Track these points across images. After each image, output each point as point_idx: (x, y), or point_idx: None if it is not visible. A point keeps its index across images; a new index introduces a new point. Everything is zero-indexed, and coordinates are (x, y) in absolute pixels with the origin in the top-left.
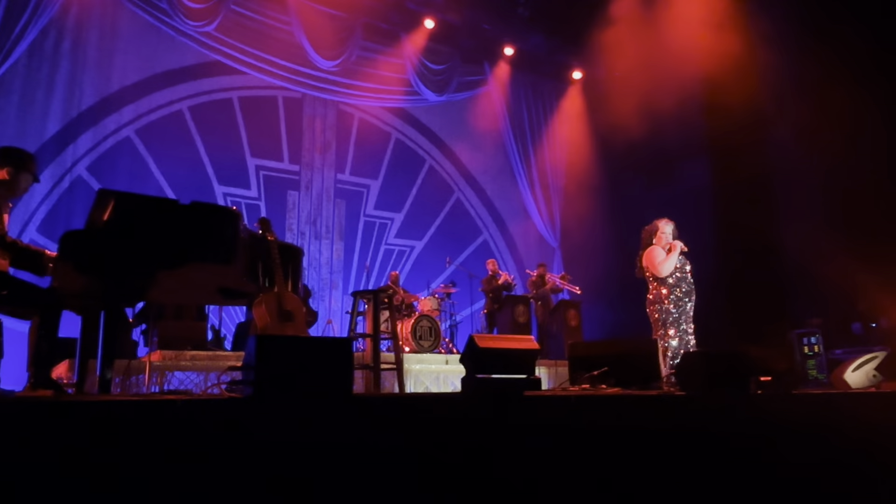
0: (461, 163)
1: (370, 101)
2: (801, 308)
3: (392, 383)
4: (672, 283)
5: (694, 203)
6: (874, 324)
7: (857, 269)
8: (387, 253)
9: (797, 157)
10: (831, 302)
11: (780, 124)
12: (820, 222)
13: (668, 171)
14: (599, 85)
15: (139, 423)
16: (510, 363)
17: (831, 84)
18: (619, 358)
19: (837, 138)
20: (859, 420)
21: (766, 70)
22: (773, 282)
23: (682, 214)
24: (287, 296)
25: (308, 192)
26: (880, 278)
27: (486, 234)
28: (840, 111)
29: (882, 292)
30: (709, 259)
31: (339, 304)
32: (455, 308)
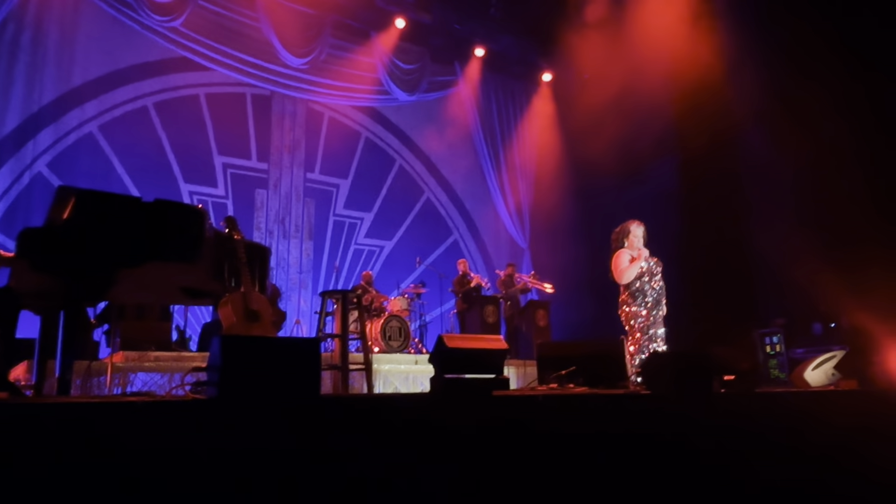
0: (431, 163)
1: (340, 99)
2: (764, 308)
3: (361, 384)
4: (639, 289)
5: (663, 204)
6: (833, 324)
7: (818, 271)
8: (356, 253)
9: (765, 160)
10: (793, 302)
11: (749, 127)
12: (785, 225)
13: (637, 172)
14: (569, 87)
15: (99, 426)
16: (479, 363)
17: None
18: (587, 358)
19: (806, 141)
20: (817, 418)
21: (734, 72)
22: (738, 282)
23: (651, 215)
24: (253, 296)
25: (276, 190)
26: (841, 280)
27: (456, 234)
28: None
29: (842, 293)
30: (677, 259)
31: (309, 305)
32: (425, 308)
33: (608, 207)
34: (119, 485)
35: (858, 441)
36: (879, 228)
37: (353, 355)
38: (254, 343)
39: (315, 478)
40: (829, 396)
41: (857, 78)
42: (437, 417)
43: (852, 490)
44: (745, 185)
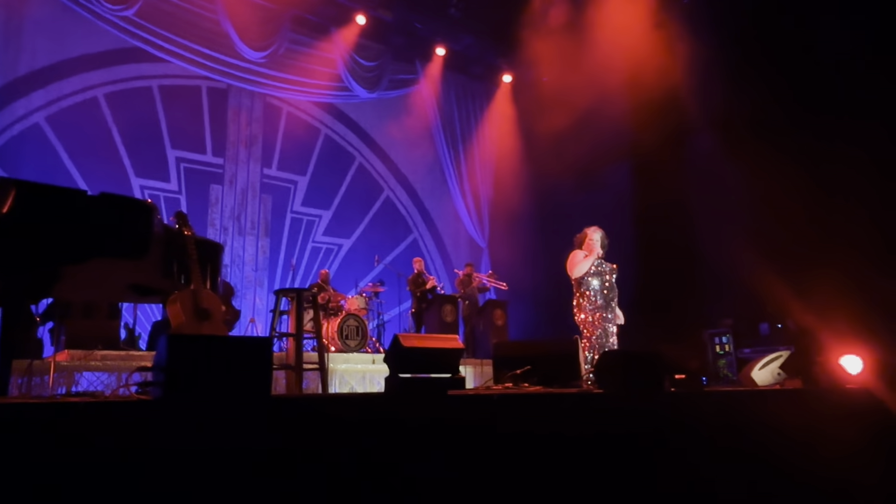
0: (391, 161)
1: (299, 94)
2: (714, 309)
3: (317, 384)
4: (594, 287)
5: (617, 207)
6: (780, 325)
7: (765, 274)
8: (314, 251)
9: (716, 164)
10: (741, 303)
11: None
12: (733, 229)
13: (593, 175)
14: (529, 89)
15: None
16: (434, 362)
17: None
18: (542, 357)
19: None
20: (763, 416)
21: (689, 80)
22: (689, 283)
23: (606, 218)
24: (204, 293)
25: (232, 186)
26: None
27: (415, 233)
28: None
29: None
30: (629, 261)
31: (264, 303)
32: (383, 307)
33: (565, 209)
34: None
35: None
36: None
37: (308, 355)
38: (201, 342)
39: (263, 480)
40: (774, 395)
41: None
42: (391, 417)
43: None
44: (695, 189)
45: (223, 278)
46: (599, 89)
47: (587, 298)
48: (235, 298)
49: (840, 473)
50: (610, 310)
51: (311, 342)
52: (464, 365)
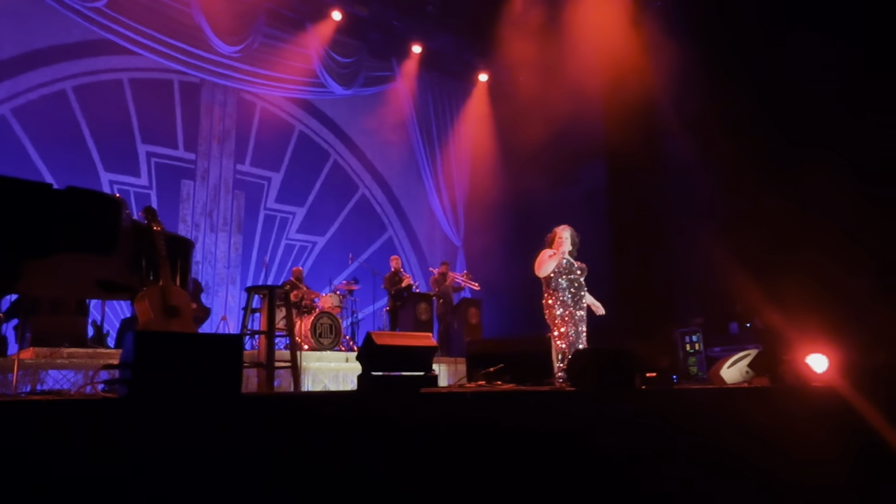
0: (367, 159)
1: (273, 90)
2: (684, 308)
3: (289, 382)
4: (563, 286)
5: (592, 206)
6: (749, 324)
7: (735, 273)
8: (287, 248)
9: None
10: (712, 303)
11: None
12: (705, 229)
13: (568, 173)
14: (504, 88)
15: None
16: (407, 360)
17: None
18: (515, 355)
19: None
20: (731, 413)
21: (663, 79)
22: (661, 283)
23: (580, 216)
24: (173, 290)
25: (204, 182)
26: (756, 282)
27: (390, 231)
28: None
29: (757, 295)
30: (602, 260)
31: (236, 301)
32: (357, 305)
33: (540, 207)
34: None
35: (768, 434)
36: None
37: (280, 353)
38: (169, 339)
39: (233, 479)
40: (742, 393)
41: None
42: (362, 415)
43: (761, 481)
44: (668, 189)
45: (194, 275)
46: (575, 90)
47: (556, 297)
48: (207, 296)
49: (805, 470)
50: (579, 308)
51: (283, 340)
52: (437, 363)
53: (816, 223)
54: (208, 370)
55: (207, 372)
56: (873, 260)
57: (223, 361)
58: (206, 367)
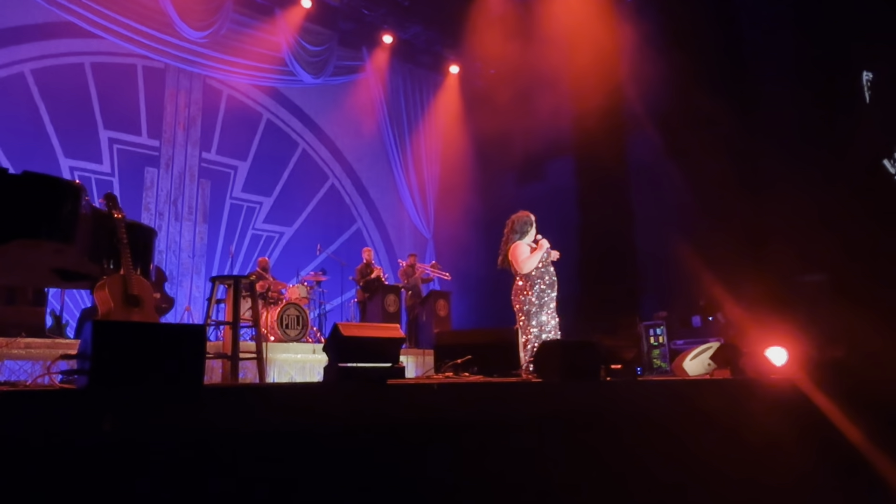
0: (336, 149)
1: (241, 77)
2: (649, 302)
3: (255, 374)
4: (535, 276)
5: (560, 201)
6: (711, 318)
7: (698, 268)
8: (254, 238)
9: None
10: (675, 297)
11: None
12: (670, 225)
13: (537, 168)
14: (475, 80)
15: None
16: (374, 352)
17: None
18: (483, 347)
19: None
20: (693, 404)
21: (631, 76)
22: (626, 276)
23: (549, 211)
24: (134, 279)
25: (169, 170)
26: (718, 277)
27: (359, 222)
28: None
29: (719, 290)
30: (569, 254)
31: (201, 291)
32: (325, 297)
33: (509, 201)
34: None
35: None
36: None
37: (246, 344)
38: (129, 329)
39: (194, 473)
40: (704, 384)
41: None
42: (328, 406)
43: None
44: (634, 185)
45: (157, 264)
46: (545, 84)
47: (528, 287)
48: (171, 286)
49: (763, 460)
50: (550, 298)
51: (249, 331)
52: (405, 355)
53: (776, 220)
54: (170, 361)
55: (169, 363)
56: (830, 256)
57: (185, 352)
58: (167, 357)
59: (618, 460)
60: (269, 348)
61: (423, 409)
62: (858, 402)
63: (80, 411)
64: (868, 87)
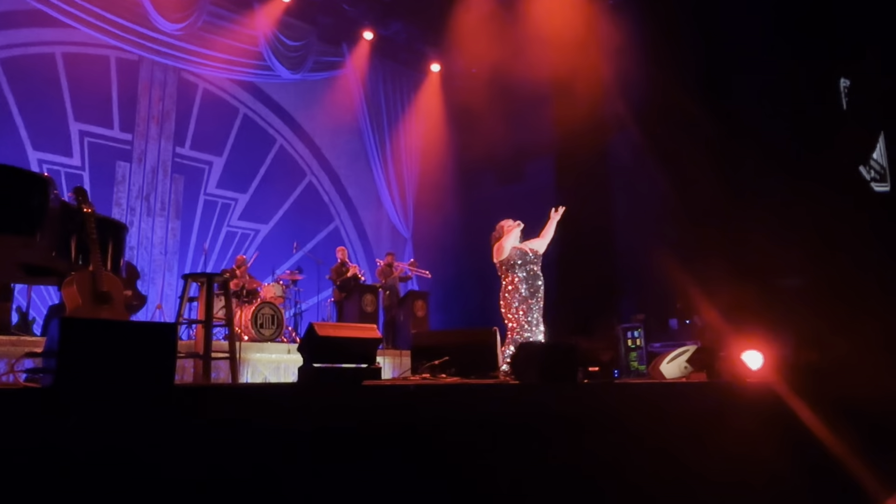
0: (315, 145)
1: (217, 71)
2: (627, 305)
3: (227, 374)
4: (520, 277)
5: (539, 201)
6: (688, 321)
7: (676, 272)
8: (228, 235)
9: (633, 164)
10: (653, 300)
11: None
12: (648, 228)
13: (517, 168)
14: (457, 79)
15: None
16: (350, 352)
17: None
18: (460, 348)
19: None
20: (669, 406)
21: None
22: (604, 280)
23: (528, 212)
24: (104, 275)
25: (141, 164)
26: (695, 280)
27: (337, 220)
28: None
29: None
30: (547, 255)
31: (173, 289)
32: (301, 296)
33: (489, 201)
34: None
35: (704, 427)
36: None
37: (219, 344)
38: (98, 326)
39: (164, 475)
40: (680, 387)
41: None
42: (302, 407)
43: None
44: (613, 187)
45: (128, 261)
46: (527, 84)
47: (512, 289)
48: (142, 283)
49: (739, 463)
50: (536, 300)
51: (222, 330)
52: (382, 356)
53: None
54: (140, 360)
55: (139, 361)
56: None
57: (156, 351)
58: (137, 356)
59: (593, 463)
60: (243, 348)
61: (399, 410)
62: (832, 405)
63: (45, 411)
64: (845, 94)
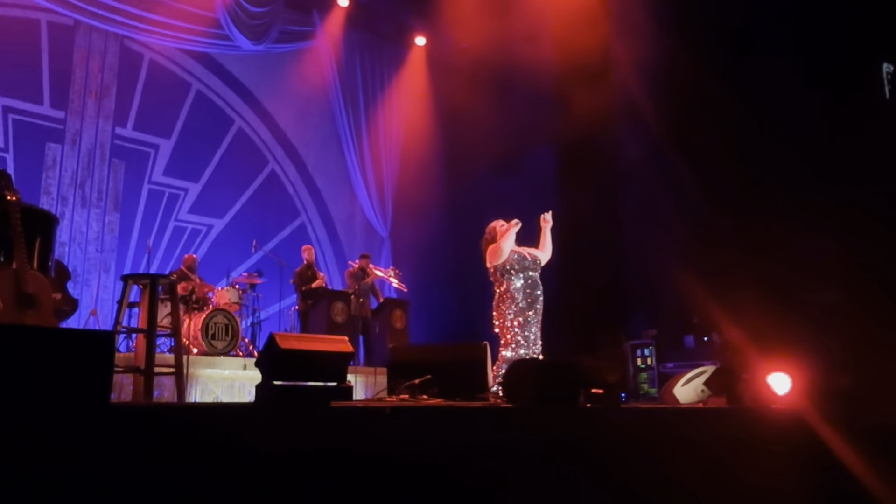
0: (279, 128)
1: (166, 40)
2: (636, 318)
3: (172, 392)
4: (517, 286)
5: (538, 197)
6: (706, 338)
7: (693, 281)
8: (177, 231)
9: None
10: (667, 313)
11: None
12: (663, 229)
13: (513, 160)
14: (445, 55)
15: None
16: (317, 368)
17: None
18: (445, 365)
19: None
20: (684, 437)
21: (624, 58)
22: (611, 289)
23: (525, 208)
24: (29, 275)
25: (75, 146)
26: (716, 291)
27: (304, 216)
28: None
29: (716, 306)
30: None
31: (111, 292)
32: (260, 303)
33: (481, 196)
34: None
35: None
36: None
37: (164, 357)
38: (21, 333)
39: None
40: (696, 414)
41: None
42: (260, 431)
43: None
44: (624, 184)
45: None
46: (526, 62)
47: (508, 299)
48: (74, 285)
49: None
50: (534, 310)
51: (167, 342)
52: (354, 373)
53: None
54: (70, 373)
55: (68, 376)
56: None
57: (89, 363)
58: (67, 369)
59: (595, 500)
60: (191, 362)
61: (373, 436)
62: (867, 435)
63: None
64: (889, 81)
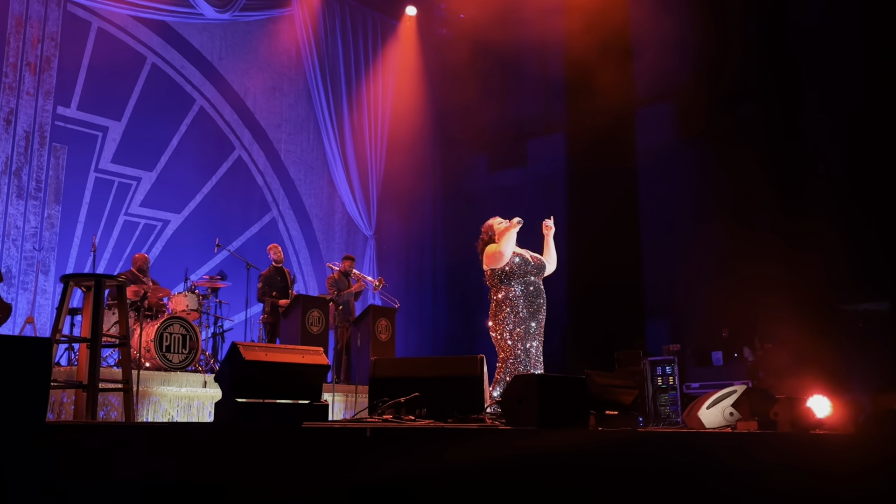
0: (247, 110)
1: (117, 6)
2: (657, 331)
3: (121, 411)
4: (517, 293)
5: (544, 192)
6: (736, 354)
7: (722, 289)
8: (127, 227)
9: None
10: (691, 326)
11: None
12: (686, 229)
13: (517, 149)
14: (439, 28)
15: None
16: (287, 384)
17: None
18: (435, 381)
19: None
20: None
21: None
22: (628, 297)
23: (528, 204)
24: None
25: (10, 128)
26: (747, 300)
27: (275, 210)
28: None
29: (748, 317)
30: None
31: (50, 297)
32: (224, 310)
33: (477, 188)
34: None
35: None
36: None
37: (111, 371)
38: None
39: None
40: (724, 439)
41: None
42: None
43: None
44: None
45: None
46: (532, 39)
47: (508, 308)
48: (7, 287)
49: None
50: (536, 320)
51: (115, 353)
52: (330, 392)
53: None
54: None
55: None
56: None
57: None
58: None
59: None
60: (143, 378)
61: (351, 462)
62: None
63: None
64: None
